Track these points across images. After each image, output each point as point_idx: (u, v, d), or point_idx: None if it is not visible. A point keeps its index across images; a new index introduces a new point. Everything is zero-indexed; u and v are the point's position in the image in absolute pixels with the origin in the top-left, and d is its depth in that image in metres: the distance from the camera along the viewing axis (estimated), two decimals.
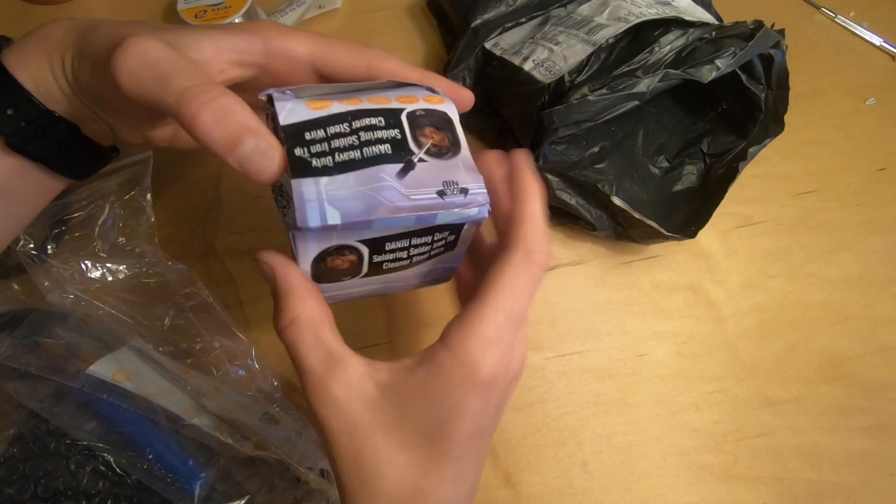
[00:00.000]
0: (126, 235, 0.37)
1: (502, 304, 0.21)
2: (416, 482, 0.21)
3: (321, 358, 0.22)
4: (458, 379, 0.20)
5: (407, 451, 0.21)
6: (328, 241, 0.21)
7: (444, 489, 0.22)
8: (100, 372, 0.32)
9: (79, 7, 0.50)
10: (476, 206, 0.22)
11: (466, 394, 0.21)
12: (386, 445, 0.21)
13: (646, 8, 0.38)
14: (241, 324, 0.38)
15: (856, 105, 0.47)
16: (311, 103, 0.21)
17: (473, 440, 0.22)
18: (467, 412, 0.21)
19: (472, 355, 0.20)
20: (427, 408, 0.21)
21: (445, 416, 0.21)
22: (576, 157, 0.40)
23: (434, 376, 0.21)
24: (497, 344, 0.21)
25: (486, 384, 0.21)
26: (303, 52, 0.24)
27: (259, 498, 0.32)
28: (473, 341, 0.20)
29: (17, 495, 0.31)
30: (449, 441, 0.21)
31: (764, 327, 0.40)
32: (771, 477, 0.36)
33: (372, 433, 0.21)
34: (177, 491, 0.31)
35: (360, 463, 0.21)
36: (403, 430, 0.21)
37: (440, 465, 0.21)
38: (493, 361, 0.21)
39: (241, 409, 0.34)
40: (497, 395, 0.22)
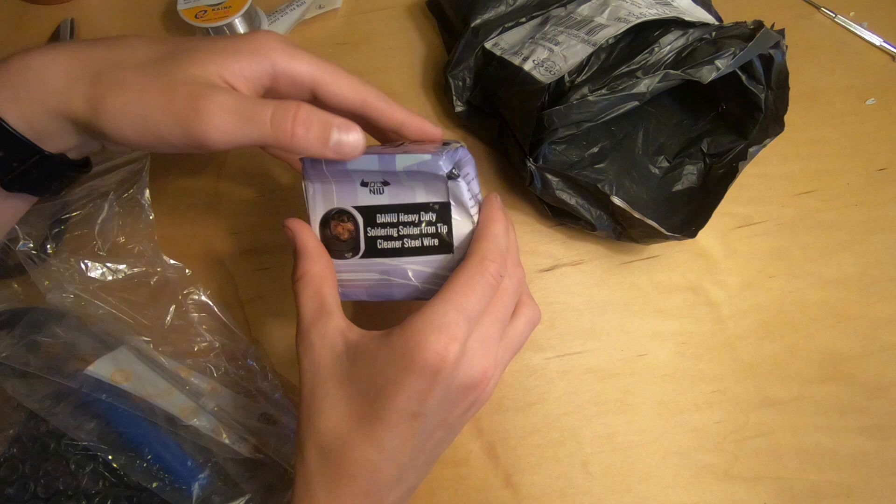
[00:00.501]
0: (126, 234, 0.37)
1: (453, 298, 0.24)
2: (347, 432, 0.24)
3: (314, 308, 0.26)
4: (401, 353, 0.23)
5: (349, 404, 0.24)
6: (329, 198, 0.26)
7: (369, 450, 0.24)
8: (98, 372, 0.32)
9: (79, 7, 0.50)
10: (430, 154, 0.25)
11: (405, 368, 0.23)
12: (335, 393, 0.24)
13: (646, 8, 0.38)
14: (241, 324, 0.38)
15: (856, 105, 0.47)
16: None
17: (410, 419, 0.24)
18: (403, 387, 0.23)
19: (417, 335, 0.23)
20: (373, 372, 0.24)
21: (384, 383, 0.23)
22: (576, 157, 0.40)
23: (384, 347, 0.24)
24: (443, 331, 0.23)
25: (426, 366, 0.23)
26: (306, 77, 0.26)
27: (257, 499, 0.32)
28: (421, 323, 0.23)
29: (17, 495, 0.31)
30: (383, 408, 0.23)
31: (764, 327, 0.40)
32: (771, 477, 0.36)
33: (328, 378, 0.25)
34: (175, 491, 0.31)
35: (311, 400, 0.25)
36: (352, 385, 0.24)
37: (371, 427, 0.24)
38: (435, 345, 0.23)
39: (239, 410, 0.34)
40: (441, 385, 0.23)
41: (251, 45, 0.25)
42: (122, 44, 0.25)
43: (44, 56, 0.24)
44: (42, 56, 0.24)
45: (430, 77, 0.47)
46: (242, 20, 0.45)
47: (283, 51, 0.25)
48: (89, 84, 0.23)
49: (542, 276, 0.41)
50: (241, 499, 0.31)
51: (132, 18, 0.50)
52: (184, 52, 0.24)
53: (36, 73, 0.23)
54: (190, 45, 0.25)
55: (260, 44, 0.25)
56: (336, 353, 0.25)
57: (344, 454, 0.24)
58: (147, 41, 0.25)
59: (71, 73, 0.24)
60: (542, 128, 0.36)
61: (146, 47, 0.25)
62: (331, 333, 0.25)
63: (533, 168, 0.37)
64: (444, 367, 0.23)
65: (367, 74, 0.47)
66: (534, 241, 0.42)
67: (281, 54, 0.25)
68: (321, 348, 0.25)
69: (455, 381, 0.24)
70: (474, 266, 0.24)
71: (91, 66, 0.24)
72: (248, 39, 0.25)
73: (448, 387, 0.24)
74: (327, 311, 0.26)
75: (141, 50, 0.25)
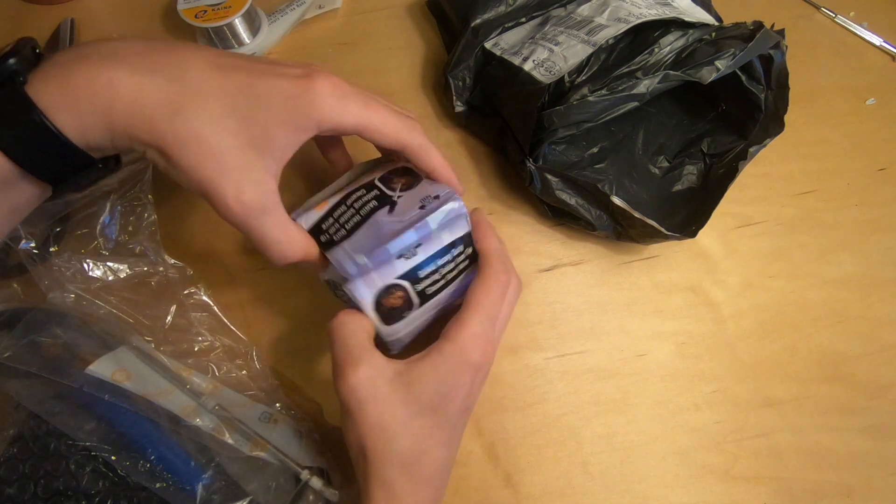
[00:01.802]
0: (127, 234, 0.37)
1: (482, 308, 0.28)
2: (423, 444, 0.27)
3: (357, 347, 0.28)
4: (458, 361, 0.27)
5: (419, 420, 0.27)
6: (373, 284, 0.28)
7: (441, 451, 0.28)
8: (99, 371, 0.32)
9: (79, 7, 0.50)
10: (451, 201, 0.29)
11: (462, 373, 0.28)
12: (403, 414, 0.27)
13: (646, 9, 0.38)
14: (242, 324, 0.38)
15: (856, 105, 0.47)
16: (317, 207, 0.30)
17: (463, 413, 0.29)
18: (461, 388, 0.28)
19: (465, 343, 0.28)
20: (434, 385, 0.27)
21: (447, 391, 0.27)
22: (576, 157, 0.41)
23: (440, 361, 0.27)
24: (482, 336, 0.28)
25: (475, 366, 0.28)
26: (351, 129, 0.28)
27: (259, 498, 0.32)
28: (466, 333, 0.28)
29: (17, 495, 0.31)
30: (448, 412, 0.28)
31: (764, 327, 0.40)
32: (771, 477, 0.36)
33: (392, 405, 0.27)
34: (178, 492, 0.31)
35: (382, 428, 0.27)
36: (416, 402, 0.27)
37: (441, 431, 0.28)
38: (480, 349, 0.28)
39: (240, 409, 0.34)
40: (480, 378, 0.29)
41: (304, 89, 0.26)
42: (183, 75, 0.25)
43: (109, 78, 0.23)
44: (107, 78, 0.23)
45: (430, 77, 0.47)
46: (242, 20, 0.45)
47: (332, 106, 0.26)
48: (146, 125, 0.24)
49: (542, 276, 0.41)
50: (243, 500, 0.31)
51: (132, 18, 0.50)
52: (241, 108, 0.25)
53: (97, 93, 0.23)
54: (248, 90, 0.25)
55: (313, 91, 0.26)
56: (389, 381, 0.28)
57: (424, 462, 0.27)
58: (207, 72, 0.25)
59: (127, 107, 0.24)
60: (542, 128, 0.36)
61: (212, 88, 0.25)
62: (379, 366, 0.28)
63: (533, 168, 0.37)
64: (485, 365, 0.29)
65: (367, 74, 0.47)
66: (534, 241, 0.42)
67: (330, 110, 0.26)
68: (374, 380, 0.27)
69: (486, 372, 0.29)
70: (491, 279, 0.29)
71: (151, 104, 0.24)
72: (301, 83, 0.26)
73: (483, 379, 0.29)
74: (369, 348, 0.29)
75: (207, 89, 0.25)
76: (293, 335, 0.39)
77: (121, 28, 0.49)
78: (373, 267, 0.28)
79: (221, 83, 0.25)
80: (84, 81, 0.23)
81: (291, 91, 0.26)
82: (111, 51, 0.24)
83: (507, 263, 0.31)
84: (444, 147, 0.45)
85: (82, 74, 0.23)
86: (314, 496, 0.33)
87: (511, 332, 0.39)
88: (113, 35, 0.49)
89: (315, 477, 0.33)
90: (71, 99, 0.23)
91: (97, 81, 0.23)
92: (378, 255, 0.27)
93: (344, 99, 0.27)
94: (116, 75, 0.23)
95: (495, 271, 0.29)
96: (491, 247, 0.31)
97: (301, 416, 0.36)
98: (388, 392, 0.27)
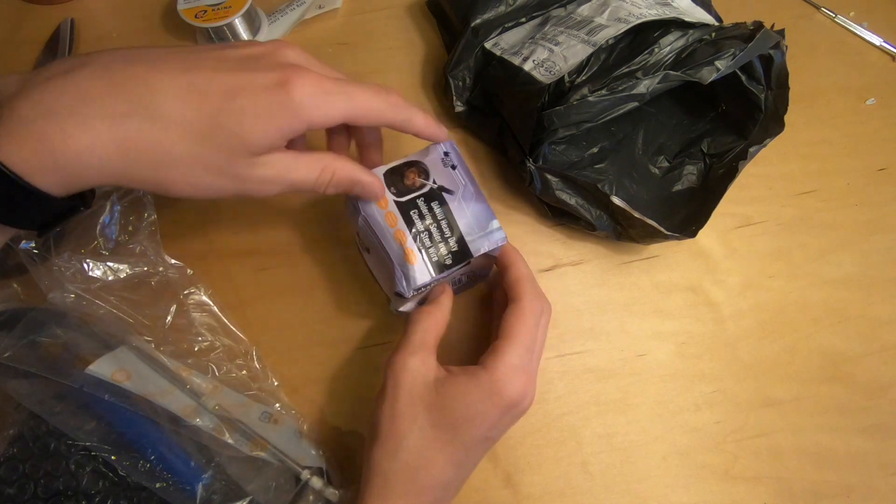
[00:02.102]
0: (127, 234, 0.37)
1: (521, 339, 0.29)
2: (433, 454, 0.28)
3: (423, 338, 0.30)
4: (490, 391, 0.28)
5: (436, 430, 0.28)
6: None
7: (448, 468, 0.28)
8: (99, 371, 0.32)
9: (79, 7, 0.50)
10: (499, 236, 0.31)
11: (492, 405, 0.28)
12: (424, 418, 0.28)
13: (646, 9, 0.38)
14: (242, 324, 0.38)
15: (856, 105, 0.47)
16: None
17: (482, 441, 0.29)
18: (487, 418, 0.28)
19: (501, 376, 0.28)
20: (461, 405, 0.28)
21: (471, 415, 0.28)
22: (576, 157, 0.40)
23: (473, 386, 0.28)
24: (521, 371, 0.28)
25: (509, 401, 0.28)
26: (339, 120, 0.27)
27: (259, 498, 0.32)
28: (503, 366, 0.28)
29: (17, 495, 0.31)
30: (466, 434, 0.28)
31: (764, 327, 0.40)
32: (771, 477, 0.36)
33: (419, 403, 0.28)
34: (178, 492, 0.31)
35: (401, 420, 0.28)
36: (440, 413, 0.28)
37: (453, 450, 0.28)
38: (518, 386, 0.28)
39: (241, 409, 0.34)
40: (512, 415, 0.29)
41: (284, 102, 0.25)
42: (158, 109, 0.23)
43: (89, 141, 0.22)
44: (86, 142, 0.22)
45: (430, 77, 0.47)
46: (242, 20, 0.45)
47: (315, 107, 0.25)
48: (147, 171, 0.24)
49: (542, 276, 0.41)
50: (243, 500, 0.31)
51: (132, 18, 0.50)
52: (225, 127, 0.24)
53: (79, 156, 0.22)
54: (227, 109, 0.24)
55: (293, 102, 0.25)
56: (428, 384, 0.29)
57: (428, 470, 0.28)
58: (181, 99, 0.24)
59: (115, 160, 0.23)
60: (542, 128, 0.36)
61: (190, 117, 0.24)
62: (428, 365, 0.29)
63: (533, 168, 0.37)
64: (523, 404, 0.29)
65: (367, 74, 0.47)
66: (534, 241, 0.42)
67: (315, 111, 0.25)
68: (418, 374, 0.29)
69: (521, 410, 0.29)
70: (527, 310, 0.30)
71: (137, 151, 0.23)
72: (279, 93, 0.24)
73: (515, 416, 0.29)
74: (430, 346, 0.30)
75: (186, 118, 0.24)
76: (293, 335, 0.39)
77: (121, 28, 0.49)
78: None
79: (199, 106, 0.24)
80: (61, 146, 0.22)
81: (271, 105, 0.24)
82: (78, 99, 0.22)
83: (538, 289, 0.31)
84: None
85: (57, 138, 0.22)
86: (314, 496, 0.33)
87: None
88: (112, 35, 0.49)
89: (315, 477, 0.33)
90: (51, 163, 0.22)
91: (77, 145, 0.22)
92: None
93: (326, 97, 0.26)
94: (95, 135, 0.22)
95: (530, 299, 0.30)
96: (521, 273, 0.31)
97: (301, 416, 0.36)
98: (422, 391, 0.28)
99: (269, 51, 0.27)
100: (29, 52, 0.48)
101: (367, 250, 0.35)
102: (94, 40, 0.49)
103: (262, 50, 0.27)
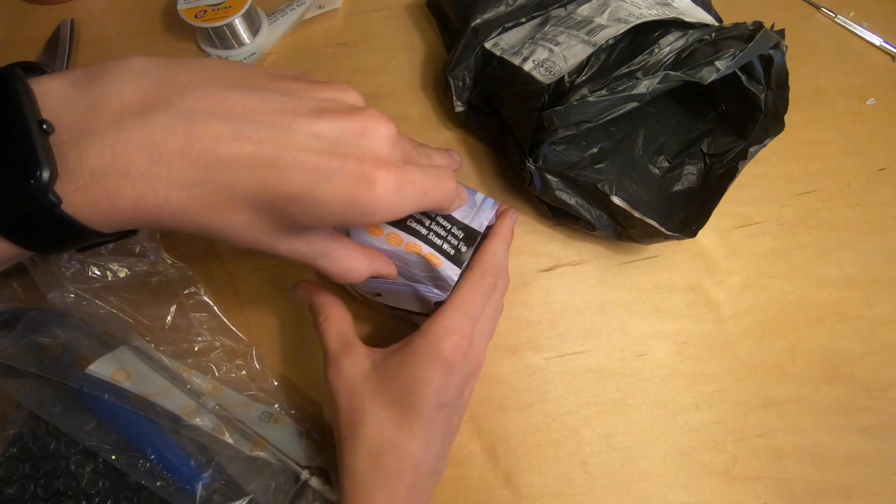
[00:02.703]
0: None
1: (460, 304, 0.29)
2: (391, 435, 0.28)
3: (339, 342, 0.30)
4: (425, 354, 0.28)
5: (387, 410, 0.28)
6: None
7: (411, 444, 0.28)
8: (99, 371, 0.32)
9: (79, 7, 0.50)
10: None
11: (430, 367, 0.28)
12: (372, 404, 0.28)
13: (646, 9, 0.38)
14: (242, 324, 0.38)
15: (856, 105, 0.47)
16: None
17: (438, 409, 0.28)
18: (431, 382, 0.28)
19: (435, 337, 0.28)
20: (403, 377, 0.28)
21: (415, 384, 0.28)
22: (576, 157, 0.40)
23: (409, 353, 0.28)
24: (455, 332, 0.28)
25: (446, 361, 0.28)
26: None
27: (259, 498, 0.32)
28: (436, 327, 0.28)
29: (17, 495, 0.31)
30: (417, 405, 0.28)
31: (764, 327, 0.40)
32: (771, 477, 0.36)
33: (364, 394, 0.29)
34: (177, 491, 0.31)
35: (352, 416, 0.28)
36: (386, 393, 0.28)
37: (410, 424, 0.28)
38: (451, 343, 0.28)
39: (241, 409, 0.34)
40: (456, 376, 0.29)
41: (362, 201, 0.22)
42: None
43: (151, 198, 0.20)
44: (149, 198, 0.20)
45: (430, 77, 0.47)
46: (242, 20, 0.45)
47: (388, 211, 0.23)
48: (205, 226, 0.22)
49: (542, 276, 0.41)
50: (242, 499, 0.31)
51: (132, 19, 0.50)
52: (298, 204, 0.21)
53: (145, 215, 0.20)
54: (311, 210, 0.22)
55: (373, 202, 0.22)
56: (365, 373, 0.29)
57: (391, 453, 0.28)
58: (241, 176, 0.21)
59: (174, 219, 0.21)
60: (541, 128, 0.36)
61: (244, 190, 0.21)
62: (359, 358, 0.30)
63: (532, 168, 0.37)
64: (460, 363, 0.28)
65: (367, 74, 0.47)
66: (534, 241, 0.42)
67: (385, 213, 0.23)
68: (352, 371, 0.29)
69: (465, 370, 0.29)
70: (476, 279, 0.30)
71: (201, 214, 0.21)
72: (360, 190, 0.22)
73: (460, 376, 0.29)
74: (351, 341, 0.31)
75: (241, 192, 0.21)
76: (293, 335, 0.39)
77: (121, 28, 0.50)
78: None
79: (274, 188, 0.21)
80: (129, 204, 0.20)
81: (350, 198, 0.21)
82: (152, 160, 0.20)
83: (497, 263, 0.31)
84: (444, 147, 0.45)
85: (127, 198, 0.20)
86: (314, 496, 0.33)
87: (511, 332, 0.39)
88: (112, 35, 0.49)
89: (315, 477, 0.33)
90: (112, 214, 0.20)
91: (145, 206, 0.20)
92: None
93: (403, 197, 0.23)
94: (163, 199, 0.20)
95: (483, 271, 0.30)
96: (494, 246, 0.31)
97: (301, 416, 0.36)
98: (362, 382, 0.29)
99: (359, 125, 0.23)
100: (29, 52, 0.48)
101: (377, 295, 0.34)
102: (94, 40, 0.49)
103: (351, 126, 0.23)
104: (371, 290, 0.33)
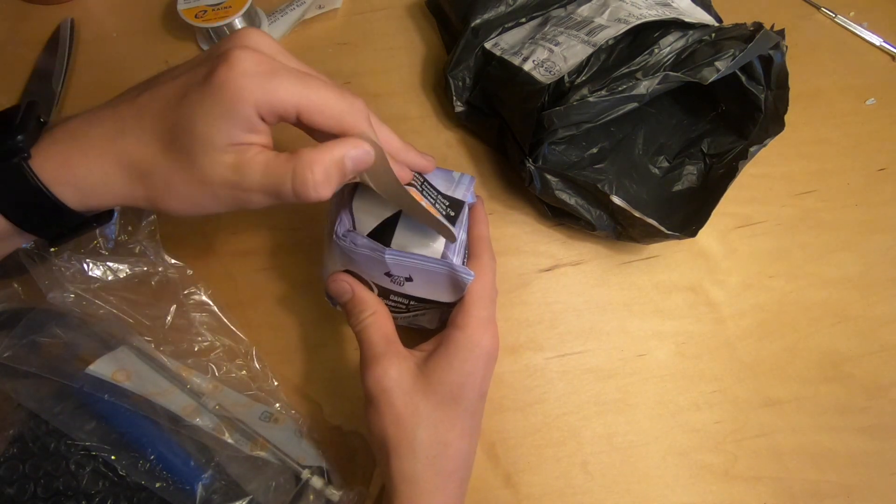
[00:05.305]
0: (127, 233, 0.37)
1: (483, 292, 0.30)
2: (446, 435, 0.28)
3: (384, 341, 0.30)
4: (470, 347, 0.29)
5: (440, 411, 0.28)
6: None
7: (461, 443, 0.29)
8: (99, 371, 0.32)
9: (79, 7, 0.50)
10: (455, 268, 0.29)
11: (476, 360, 0.29)
12: (426, 406, 0.28)
13: (646, 9, 0.38)
14: (242, 324, 0.38)
15: (856, 105, 0.47)
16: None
17: (480, 400, 0.30)
18: (476, 375, 0.29)
19: (474, 329, 0.29)
20: (451, 374, 0.29)
21: (463, 379, 0.29)
22: (575, 157, 0.40)
23: (452, 350, 0.29)
24: (490, 321, 0.30)
25: (490, 352, 0.29)
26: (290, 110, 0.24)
27: (259, 498, 0.32)
28: (472, 319, 0.29)
29: (17, 495, 0.31)
30: (466, 400, 0.29)
31: (764, 327, 0.40)
32: (771, 477, 0.36)
33: (416, 396, 0.28)
34: (177, 491, 0.31)
35: (404, 419, 0.28)
36: (435, 394, 0.28)
37: (462, 422, 0.29)
38: (491, 333, 0.29)
39: (241, 409, 0.34)
40: (493, 365, 0.30)
41: (222, 84, 0.23)
42: (136, 122, 0.24)
43: (93, 153, 0.25)
44: (91, 154, 0.25)
45: (430, 77, 0.47)
46: (242, 20, 0.45)
47: (258, 87, 0.23)
48: (143, 190, 0.25)
49: (542, 276, 0.41)
50: (243, 499, 0.31)
51: (132, 19, 0.50)
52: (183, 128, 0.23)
53: (91, 172, 0.24)
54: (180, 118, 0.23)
55: (231, 81, 0.23)
56: (413, 374, 0.29)
57: (446, 454, 0.28)
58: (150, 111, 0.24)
59: (117, 178, 0.25)
60: (541, 128, 0.36)
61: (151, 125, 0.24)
62: (405, 359, 0.30)
63: (532, 168, 0.37)
64: (497, 349, 0.30)
65: (367, 74, 0.47)
66: (534, 241, 0.42)
67: (257, 91, 0.23)
68: (399, 373, 0.29)
69: (496, 357, 0.31)
70: (487, 266, 0.31)
71: (132, 168, 0.25)
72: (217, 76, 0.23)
73: (495, 363, 0.30)
74: (395, 341, 0.30)
75: (148, 134, 0.24)
76: (293, 335, 0.39)
77: (121, 28, 0.50)
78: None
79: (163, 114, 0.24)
80: (77, 163, 0.24)
81: (212, 91, 0.22)
82: (91, 123, 0.25)
83: (493, 256, 0.32)
84: (444, 147, 0.45)
85: (75, 157, 0.24)
86: (314, 496, 0.33)
87: (511, 332, 0.39)
88: (112, 35, 0.49)
89: (315, 476, 0.33)
90: (70, 179, 0.24)
91: (89, 163, 0.24)
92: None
93: (272, 76, 0.23)
94: (100, 153, 0.25)
95: (490, 256, 0.32)
96: (481, 233, 0.33)
97: (301, 416, 0.36)
98: (411, 384, 0.29)
99: (223, 42, 0.24)
100: (29, 52, 0.48)
101: (408, 280, 0.31)
102: (94, 40, 0.49)
103: (218, 44, 0.25)
104: (402, 275, 0.30)
